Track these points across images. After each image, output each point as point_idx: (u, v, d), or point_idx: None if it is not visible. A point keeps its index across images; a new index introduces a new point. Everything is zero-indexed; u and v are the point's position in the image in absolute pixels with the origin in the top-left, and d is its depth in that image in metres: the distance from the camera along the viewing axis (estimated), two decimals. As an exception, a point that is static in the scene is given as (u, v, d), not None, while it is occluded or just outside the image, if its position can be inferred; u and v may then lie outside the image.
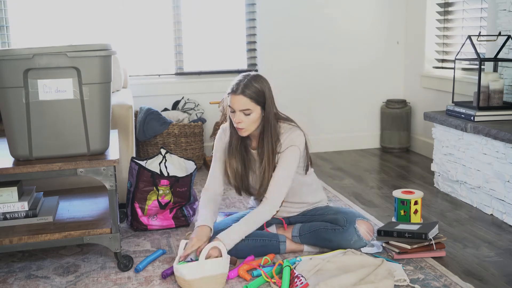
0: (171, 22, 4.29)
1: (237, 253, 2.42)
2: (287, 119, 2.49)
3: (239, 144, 2.46)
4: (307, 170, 2.53)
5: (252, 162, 2.49)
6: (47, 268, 2.44)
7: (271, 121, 2.39)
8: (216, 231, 2.46)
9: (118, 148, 2.53)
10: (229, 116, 2.42)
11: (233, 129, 2.44)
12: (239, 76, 2.38)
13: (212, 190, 2.55)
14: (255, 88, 2.32)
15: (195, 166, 2.94)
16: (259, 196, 2.48)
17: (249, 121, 2.34)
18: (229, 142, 2.48)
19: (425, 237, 2.42)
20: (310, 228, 2.50)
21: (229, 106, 2.36)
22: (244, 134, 2.39)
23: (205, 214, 2.44)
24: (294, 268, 2.29)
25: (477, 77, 3.24)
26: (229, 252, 2.34)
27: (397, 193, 2.87)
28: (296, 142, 2.41)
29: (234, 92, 2.33)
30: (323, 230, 2.46)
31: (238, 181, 2.50)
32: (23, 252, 2.61)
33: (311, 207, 2.62)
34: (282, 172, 2.40)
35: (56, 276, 2.36)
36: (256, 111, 2.34)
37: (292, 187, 2.48)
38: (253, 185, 2.52)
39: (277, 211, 2.43)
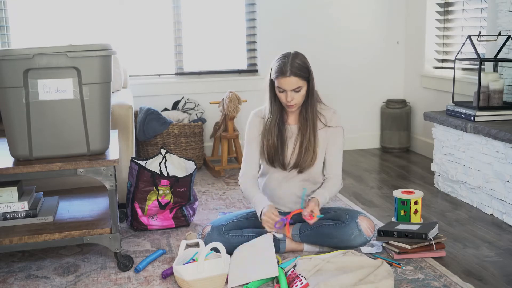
0: (171, 22, 4.29)
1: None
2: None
3: (277, 120, 2.53)
4: None
5: (288, 136, 2.54)
6: (47, 268, 2.44)
7: (315, 93, 2.52)
8: (217, 226, 2.47)
9: (118, 148, 2.53)
10: (269, 96, 2.51)
11: (275, 107, 2.52)
12: (280, 58, 2.45)
13: (250, 173, 2.61)
14: (300, 65, 2.42)
15: (195, 166, 2.94)
16: (297, 168, 2.52)
17: (299, 97, 2.45)
18: (269, 120, 2.53)
19: (425, 237, 2.42)
20: (311, 225, 2.50)
21: (277, 87, 2.44)
22: (294, 109, 2.49)
23: (260, 197, 2.50)
24: (294, 268, 2.29)
25: (477, 77, 3.24)
26: (230, 249, 2.36)
27: (397, 193, 2.87)
28: (341, 124, 2.58)
29: (283, 74, 2.40)
30: (324, 226, 2.47)
31: (274, 155, 2.54)
32: (23, 252, 2.61)
33: None
34: (339, 152, 2.57)
35: (56, 276, 2.36)
36: (305, 86, 2.45)
37: (321, 175, 2.59)
38: (287, 158, 2.54)
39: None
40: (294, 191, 2.57)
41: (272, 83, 2.49)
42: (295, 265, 2.33)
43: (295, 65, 2.40)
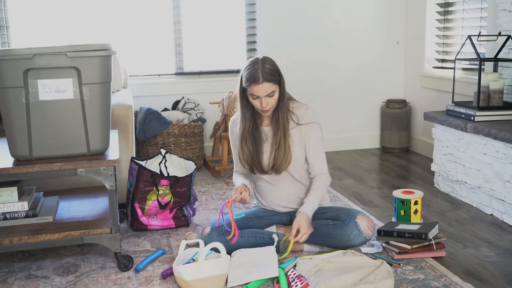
0: (171, 22, 4.29)
1: (237, 250, 2.44)
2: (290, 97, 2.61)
3: (251, 128, 2.53)
4: None
5: (263, 139, 2.54)
6: (47, 268, 2.44)
7: (286, 94, 2.52)
8: (217, 226, 2.47)
9: (118, 148, 2.53)
10: (241, 104, 2.51)
11: (247, 115, 2.52)
12: (249, 65, 2.43)
13: (240, 171, 2.67)
14: (270, 70, 2.41)
15: (195, 166, 2.94)
16: (275, 170, 2.52)
17: (273, 101, 2.44)
18: (242, 128, 2.54)
19: (425, 237, 2.42)
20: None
21: (250, 95, 2.43)
22: (269, 113, 2.49)
23: (239, 180, 2.58)
24: (294, 268, 2.29)
25: (477, 77, 3.24)
26: (229, 249, 2.36)
27: (397, 193, 2.87)
28: (315, 119, 2.56)
29: (255, 81, 2.38)
30: (323, 226, 2.47)
31: (251, 161, 2.55)
32: (23, 252, 2.61)
33: None
34: (319, 147, 2.54)
35: (56, 276, 2.36)
36: (277, 89, 2.44)
37: (306, 171, 2.58)
38: (264, 161, 2.54)
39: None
40: (286, 191, 2.58)
41: (243, 91, 2.47)
42: (295, 265, 2.33)
43: (266, 71, 2.38)
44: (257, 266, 2.27)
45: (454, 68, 3.43)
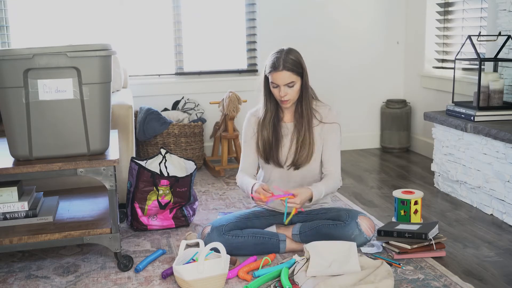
0: (171, 22, 4.29)
1: (237, 250, 2.44)
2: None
3: (272, 117, 2.55)
4: None
5: (284, 134, 2.55)
6: (47, 268, 2.44)
7: (309, 90, 2.53)
8: (217, 226, 2.47)
9: (118, 148, 2.53)
10: (264, 94, 2.53)
11: (270, 104, 2.54)
12: (273, 54, 2.47)
13: (247, 172, 2.63)
14: (293, 60, 2.44)
15: (195, 166, 2.94)
16: (294, 165, 2.53)
17: (293, 92, 2.46)
18: (262, 117, 2.55)
19: (425, 237, 2.42)
20: (310, 225, 2.51)
21: (271, 82, 2.46)
22: (288, 105, 2.49)
23: (252, 180, 2.52)
24: (294, 267, 2.29)
25: (477, 77, 3.24)
26: (229, 249, 2.36)
27: (397, 193, 2.87)
28: (338, 120, 2.57)
29: (276, 69, 2.42)
30: (324, 226, 2.47)
31: (269, 151, 2.55)
32: (23, 252, 2.61)
33: (319, 205, 2.63)
34: (337, 148, 2.55)
35: (56, 276, 2.36)
36: (298, 81, 2.46)
37: (319, 174, 2.59)
38: (283, 156, 2.55)
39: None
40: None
41: (266, 79, 2.50)
42: (295, 264, 2.32)
43: (288, 60, 2.42)
44: (337, 260, 2.24)
45: (454, 68, 3.43)
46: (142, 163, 2.87)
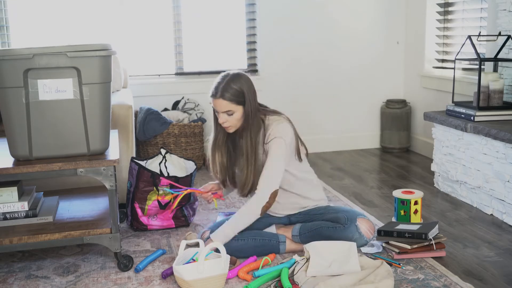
0: (171, 22, 4.29)
1: (237, 253, 2.44)
2: (275, 112, 2.52)
3: (225, 139, 2.53)
4: (300, 157, 2.54)
5: (239, 153, 2.52)
6: (47, 268, 2.44)
7: (251, 119, 2.41)
8: (214, 229, 2.47)
9: (118, 148, 2.53)
10: (214, 116, 2.51)
11: (219, 126, 2.51)
12: (218, 78, 2.42)
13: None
14: (233, 90, 2.37)
15: (195, 166, 2.95)
16: (242, 192, 2.50)
17: (233, 120, 2.41)
18: (214, 137, 2.55)
19: (425, 237, 2.42)
20: (310, 227, 2.50)
21: (212, 107, 2.44)
22: (231, 131, 2.46)
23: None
24: (294, 267, 2.29)
25: (477, 77, 3.24)
26: (229, 252, 2.35)
27: (397, 193, 2.87)
28: (280, 134, 2.41)
29: (214, 96, 2.40)
30: (324, 229, 2.47)
31: (224, 173, 2.56)
32: (23, 252, 2.61)
33: (313, 204, 2.62)
34: (269, 163, 2.41)
35: (56, 276, 2.36)
36: (238, 110, 2.40)
37: (294, 180, 2.53)
38: (241, 178, 2.50)
39: (268, 205, 2.42)
40: (280, 201, 2.56)
41: None
42: (295, 263, 2.32)
43: (228, 89, 2.35)
44: (339, 259, 2.25)
45: (454, 68, 3.43)
46: (142, 163, 2.87)
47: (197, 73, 4.39)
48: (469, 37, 3.28)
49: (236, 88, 2.37)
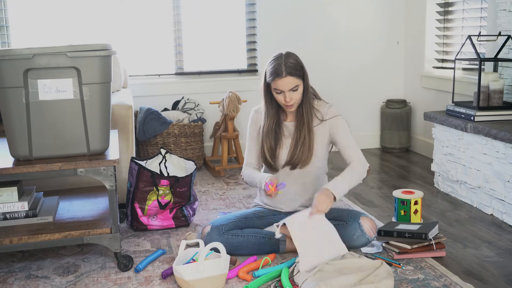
0: (171, 22, 4.29)
1: (237, 249, 2.44)
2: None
3: (274, 123, 2.54)
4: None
5: (284, 134, 2.55)
6: (47, 268, 2.44)
7: (310, 90, 2.54)
8: (217, 225, 2.47)
9: (118, 148, 2.53)
10: (265, 100, 2.51)
11: (272, 111, 2.53)
12: (273, 60, 2.45)
13: (251, 165, 2.63)
14: (294, 65, 2.42)
15: (195, 166, 2.94)
16: (291, 165, 2.52)
17: (298, 96, 2.45)
18: (264, 124, 2.54)
19: (425, 237, 2.42)
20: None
21: (274, 89, 2.44)
22: (293, 109, 2.49)
23: (262, 174, 2.51)
24: (294, 267, 2.29)
25: (477, 77, 3.24)
26: (229, 248, 2.36)
27: (397, 193, 2.87)
28: (340, 113, 2.58)
29: (279, 75, 2.40)
30: None
31: (270, 156, 2.55)
32: (23, 252, 2.61)
33: None
34: (349, 135, 2.54)
35: (56, 276, 2.36)
36: (301, 84, 2.46)
37: (322, 173, 2.63)
38: (281, 159, 2.55)
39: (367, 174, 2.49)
40: (293, 189, 2.57)
41: (267, 86, 2.49)
42: (295, 265, 2.32)
43: (290, 65, 2.40)
44: (324, 246, 2.26)
45: (454, 68, 3.43)
46: (142, 163, 2.87)
47: (197, 73, 4.39)
48: (469, 37, 3.28)
49: (296, 62, 2.43)
